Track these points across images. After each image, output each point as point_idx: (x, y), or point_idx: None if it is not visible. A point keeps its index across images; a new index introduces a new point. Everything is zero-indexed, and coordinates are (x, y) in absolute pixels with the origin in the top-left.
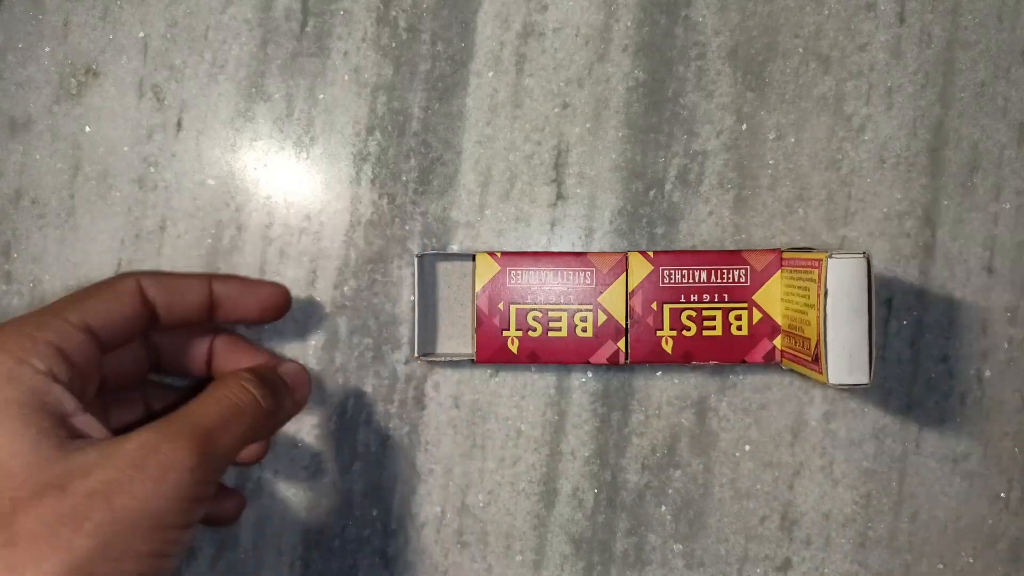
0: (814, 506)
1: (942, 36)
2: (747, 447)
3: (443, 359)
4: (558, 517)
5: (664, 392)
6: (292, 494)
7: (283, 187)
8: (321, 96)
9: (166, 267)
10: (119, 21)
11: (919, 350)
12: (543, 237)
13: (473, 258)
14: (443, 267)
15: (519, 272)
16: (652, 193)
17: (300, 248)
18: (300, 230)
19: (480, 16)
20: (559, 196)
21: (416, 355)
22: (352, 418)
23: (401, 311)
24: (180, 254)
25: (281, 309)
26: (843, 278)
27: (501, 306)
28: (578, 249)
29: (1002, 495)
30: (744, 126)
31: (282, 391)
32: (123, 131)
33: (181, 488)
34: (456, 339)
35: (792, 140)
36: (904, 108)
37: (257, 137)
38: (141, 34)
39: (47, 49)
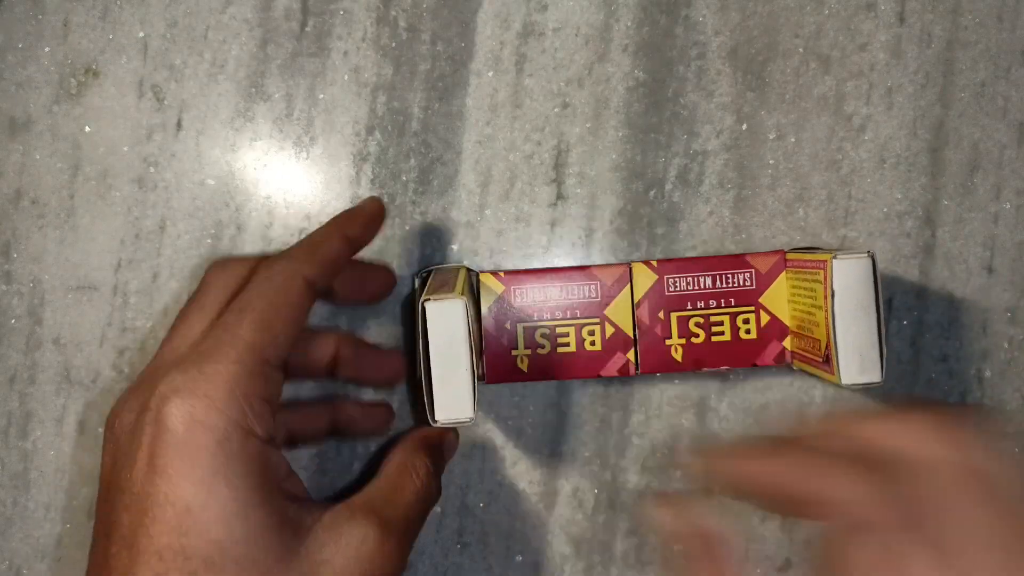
0: None
1: (942, 36)
2: None
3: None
4: (558, 518)
5: (664, 392)
6: None
7: (283, 187)
8: (321, 96)
9: (165, 268)
10: (119, 21)
11: (919, 350)
12: (543, 237)
13: (475, 277)
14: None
15: (523, 290)
16: (652, 193)
17: None
18: (300, 230)
19: (480, 16)
20: (559, 196)
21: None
22: None
23: (400, 311)
24: (180, 254)
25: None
26: (849, 278)
27: (508, 325)
28: (579, 249)
29: None
30: (744, 126)
31: (445, 466)
32: (123, 131)
33: None
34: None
35: (792, 140)
36: (904, 108)
37: (257, 137)
38: (141, 34)
39: (47, 49)
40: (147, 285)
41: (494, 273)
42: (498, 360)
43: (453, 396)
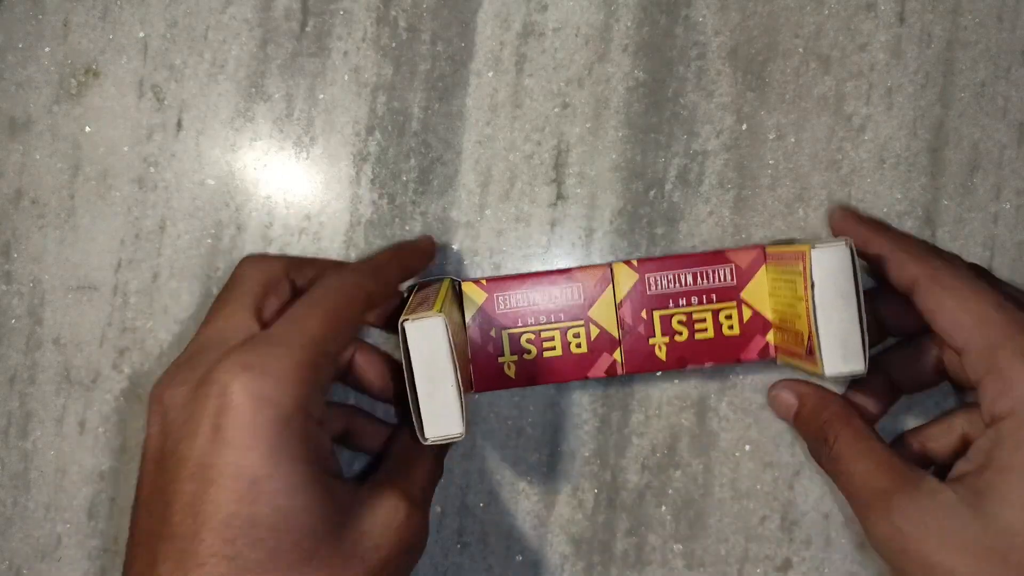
0: (814, 506)
1: (942, 36)
2: (747, 447)
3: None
4: (558, 517)
5: (664, 392)
6: None
7: (283, 187)
8: (321, 96)
9: (165, 268)
10: (119, 21)
11: None
12: (543, 237)
13: (459, 287)
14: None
15: (507, 296)
16: (652, 193)
17: (300, 248)
18: (300, 230)
19: (480, 16)
20: (559, 196)
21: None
22: None
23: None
24: (180, 254)
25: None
26: (828, 267)
27: (493, 332)
28: (578, 249)
29: None
30: (744, 126)
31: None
32: (123, 131)
33: (420, 552)
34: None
35: (792, 140)
36: (904, 108)
37: (257, 137)
38: (141, 34)
39: (47, 49)
40: (147, 285)
41: (475, 281)
42: (485, 368)
43: (441, 413)
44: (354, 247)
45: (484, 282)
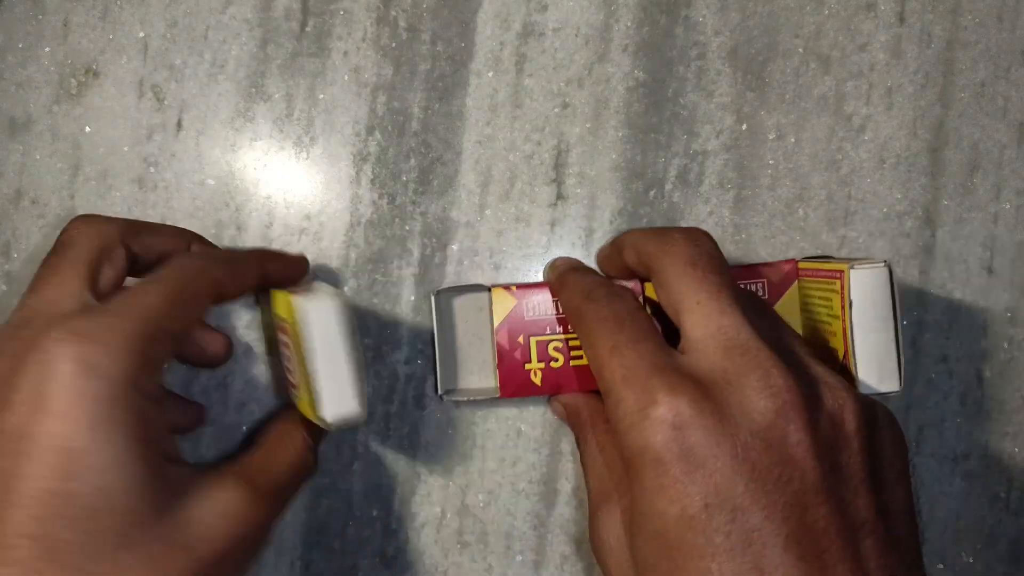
0: None
1: (942, 36)
2: None
3: (467, 398)
4: (558, 517)
5: None
6: None
7: (283, 187)
8: (321, 96)
9: None
10: (119, 21)
11: (919, 350)
12: (543, 237)
13: (488, 292)
14: (459, 301)
15: (536, 303)
16: (652, 193)
17: (300, 248)
18: (300, 230)
19: (480, 16)
20: (559, 196)
21: (439, 393)
22: None
23: (401, 311)
24: None
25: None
26: (866, 288)
27: (521, 339)
28: (579, 249)
29: (1002, 495)
30: (744, 126)
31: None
32: (123, 131)
33: (258, 549)
34: (478, 374)
35: (792, 140)
36: (904, 108)
37: (257, 137)
38: (141, 34)
39: (47, 49)
40: None
41: (506, 287)
42: (512, 374)
43: (339, 393)
44: (354, 247)
45: (514, 288)
